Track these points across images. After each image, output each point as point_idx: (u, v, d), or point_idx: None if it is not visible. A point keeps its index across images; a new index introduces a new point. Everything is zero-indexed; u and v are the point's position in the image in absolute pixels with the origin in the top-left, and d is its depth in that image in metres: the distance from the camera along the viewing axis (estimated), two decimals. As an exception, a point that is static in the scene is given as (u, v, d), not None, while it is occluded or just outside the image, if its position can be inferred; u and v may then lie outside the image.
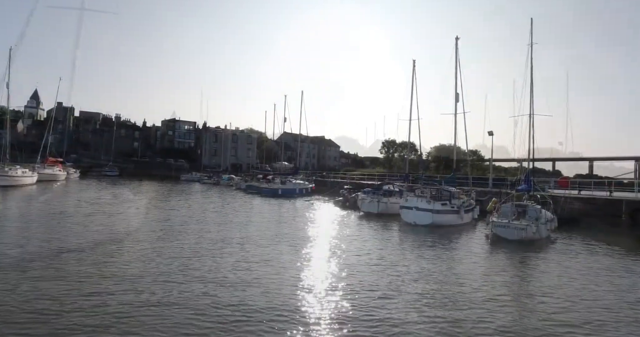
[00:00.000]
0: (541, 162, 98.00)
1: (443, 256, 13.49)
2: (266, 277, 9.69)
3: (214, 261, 11.02)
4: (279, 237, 15.65)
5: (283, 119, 47.76)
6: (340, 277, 10.05)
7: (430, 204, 20.09)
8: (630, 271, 12.18)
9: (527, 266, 12.75)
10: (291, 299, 8.13)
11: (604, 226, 20.36)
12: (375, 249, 14.09)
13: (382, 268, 11.23)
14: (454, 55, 25.47)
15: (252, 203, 30.68)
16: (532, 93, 21.44)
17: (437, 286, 9.69)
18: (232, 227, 17.55)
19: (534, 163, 23.05)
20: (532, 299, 9.13)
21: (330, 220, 22.13)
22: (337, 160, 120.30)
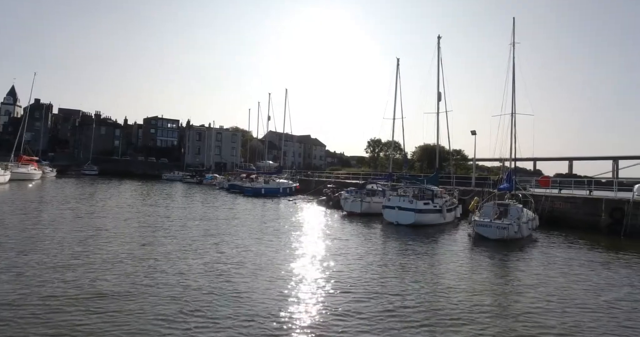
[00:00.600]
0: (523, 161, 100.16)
1: (424, 256, 13.26)
2: (239, 280, 9.24)
3: (186, 263, 10.50)
4: (258, 238, 15.19)
5: (267, 117, 47.10)
6: (319, 278, 9.71)
7: (412, 203, 19.91)
8: (609, 270, 12.17)
9: (507, 265, 12.62)
10: (266, 303, 7.73)
11: (584, 225, 20.56)
12: (356, 249, 13.78)
13: (362, 269, 10.94)
14: (436, 54, 25.38)
15: (233, 203, 30.06)
16: (514, 92, 21.47)
17: (417, 285, 9.50)
18: (208, 228, 16.99)
19: (515, 162, 23.13)
20: (511, 298, 9.00)
21: (312, 220, 21.76)
22: (323, 159, 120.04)
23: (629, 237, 18.21)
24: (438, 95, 24.80)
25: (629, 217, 18.73)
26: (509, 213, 17.44)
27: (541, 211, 21.50)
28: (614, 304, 8.78)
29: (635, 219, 18.52)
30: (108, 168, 71.52)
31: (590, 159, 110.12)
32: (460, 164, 65.26)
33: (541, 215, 21.06)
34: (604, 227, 19.73)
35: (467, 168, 57.04)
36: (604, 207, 20.10)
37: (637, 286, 10.37)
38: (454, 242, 16.57)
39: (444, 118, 25.19)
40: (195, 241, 13.77)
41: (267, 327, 6.67)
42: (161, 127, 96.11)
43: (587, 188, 25.63)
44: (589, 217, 20.70)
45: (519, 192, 21.56)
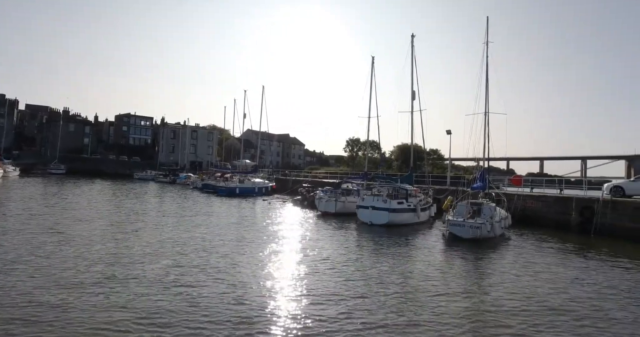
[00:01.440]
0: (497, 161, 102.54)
1: (397, 256, 12.88)
2: (199, 285, 8.54)
3: (142, 268, 9.70)
4: (224, 239, 14.44)
5: (243, 115, 46.04)
6: (283, 282, 9.15)
7: (386, 203, 19.57)
8: (578, 269, 12.09)
9: (478, 265, 12.38)
10: (224, 308, 7.17)
11: (555, 223, 20.75)
12: (327, 250, 13.27)
13: (330, 271, 10.45)
14: (410, 52, 25.16)
15: (203, 203, 29.04)
16: (487, 91, 21.46)
17: (385, 287, 9.17)
18: (170, 229, 16.12)
19: (488, 162, 23.17)
20: (478, 298, 8.82)
21: (285, 220, 21.12)
22: (302, 158, 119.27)
23: (599, 236, 18.43)
24: (412, 94, 24.60)
25: (598, 215, 18.96)
26: (482, 212, 17.33)
27: (513, 209, 21.60)
28: (579, 302, 8.70)
29: (604, 217, 18.75)
30: (77, 167, 68.56)
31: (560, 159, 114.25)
32: (437, 164, 66.11)
33: (513, 214, 21.16)
34: (574, 226, 19.94)
35: (443, 167, 57.67)
36: (574, 206, 20.32)
37: (603, 285, 10.26)
38: (428, 241, 16.31)
39: (419, 117, 25.04)
40: (152, 244, 12.91)
41: (222, 334, 6.16)
42: (134, 124, 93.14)
43: (557, 187, 26.03)
44: (560, 215, 20.91)
45: (492, 191, 21.58)
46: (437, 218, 22.44)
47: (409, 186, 22.22)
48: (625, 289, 9.94)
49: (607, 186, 20.81)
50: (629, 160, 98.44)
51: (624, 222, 18.17)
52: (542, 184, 27.58)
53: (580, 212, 19.96)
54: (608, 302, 8.81)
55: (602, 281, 10.72)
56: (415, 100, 24.91)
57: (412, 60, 25.28)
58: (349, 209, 22.70)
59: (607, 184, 21.30)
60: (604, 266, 12.57)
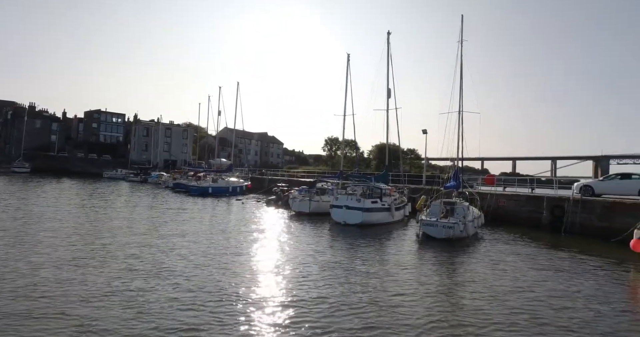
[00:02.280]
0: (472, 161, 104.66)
1: (368, 257, 12.48)
2: (160, 289, 7.84)
3: (90, 272, 8.89)
4: (186, 241, 13.66)
5: (217, 112, 44.87)
6: (250, 285, 8.57)
7: (360, 202, 19.19)
8: (546, 268, 11.99)
9: (449, 265, 12.16)
10: (183, 314, 6.57)
11: (527, 222, 20.90)
12: (297, 252, 12.75)
13: (299, 273, 9.98)
14: (385, 50, 24.90)
15: (174, 203, 27.96)
16: (462, 90, 21.38)
17: (352, 289, 8.78)
18: (128, 231, 15.20)
19: (462, 161, 23.16)
20: (446, 299, 8.67)
21: (257, 221, 20.44)
22: (280, 157, 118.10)
23: (569, 234, 18.63)
24: (388, 92, 24.35)
25: (568, 214, 19.17)
26: (455, 212, 17.17)
27: (487, 208, 21.66)
28: (541, 301, 8.61)
29: (574, 216, 18.97)
30: (43, 165, 65.46)
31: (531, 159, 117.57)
32: (414, 163, 66.69)
33: (487, 213, 21.20)
34: (545, 225, 20.13)
35: (420, 167, 58.13)
36: (545, 205, 20.52)
37: (568, 284, 10.15)
38: (401, 241, 16.02)
39: (394, 115, 24.81)
40: (104, 247, 12.03)
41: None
42: (105, 121, 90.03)
43: (529, 186, 26.36)
44: (531, 214, 21.09)
45: (466, 191, 21.56)
46: (412, 217, 22.26)
47: (384, 185, 21.94)
48: (588, 289, 9.86)
49: (576, 185, 21.07)
50: (596, 160, 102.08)
51: (593, 221, 18.42)
52: (515, 183, 27.89)
53: (551, 211, 20.17)
54: (569, 301, 8.73)
55: (567, 280, 10.65)
56: (390, 99, 24.69)
57: (387, 57, 25.06)
58: (323, 209, 22.21)
59: (577, 183, 21.58)
60: (571, 266, 12.53)
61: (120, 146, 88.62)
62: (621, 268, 12.28)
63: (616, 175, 21.38)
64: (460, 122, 21.47)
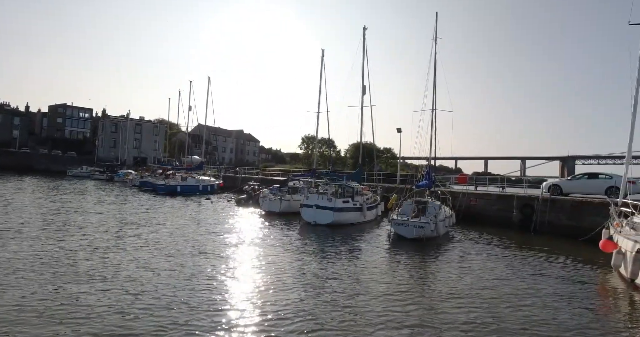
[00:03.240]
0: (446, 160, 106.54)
1: (337, 259, 11.94)
2: (101, 292, 6.99)
3: (27, 278, 7.92)
4: (138, 244, 12.73)
5: (188, 107, 43.40)
6: (209, 290, 7.83)
7: (331, 201, 18.65)
8: (512, 267, 11.80)
9: (418, 266, 11.85)
10: (148, 321, 5.92)
11: (498, 221, 20.95)
12: (263, 253, 12.08)
13: (263, 276, 9.34)
14: (361, 46, 24.48)
15: (137, 203, 26.63)
16: (435, 88, 21.22)
17: (318, 290, 8.28)
18: (80, 232, 14.10)
19: (435, 160, 23.04)
20: (415, 300, 8.40)
21: (224, 221, 19.57)
22: (257, 155, 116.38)
23: (538, 233, 18.75)
24: (362, 89, 23.97)
25: (537, 213, 19.30)
26: (427, 211, 16.91)
27: (458, 207, 21.63)
28: (502, 301, 8.48)
29: (543, 215, 19.11)
30: (2, 162, 61.73)
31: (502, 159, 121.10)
32: (390, 162, 66.94)
33: (458, 211, 21.16)
34: (515, 223, 20.22)
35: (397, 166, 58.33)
36: (515, 204, 20.62)
37: (536, 286, 9.92)
38: (372, 242, 15.58)
39: (369, 112, 24.42)
40: (44, 250, 10.99)
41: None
42: (71, 116, 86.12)
43: (500, 185, 26.61)
44: (502, 213, 21.16)
45: (438, 189, 21.44)
46: (385, 217, 21.93)
47: (356, 184, 21.50)
48: (551, 287, 9.74)
49: (545, 184, 21.32)
50: (562, 161, 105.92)
51: (561, 220, 18.59)
52: (486, 182, 28.15)
53: (521, 209, 20.28)
54: (530, 301, 8.58)
55: (532, 279, 10.50)
56: (365, 96, 24.29)
57: (363, 54, 24.66)
58: (294, 208, 21.55)
59: (546, 182, 21.85)
60: (538, 265, 12.40)
61: (87, 143, 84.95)
62: (587, 267, 12.23)
63: (583, 174, 21.78)
64: (434, 121, 21.32)
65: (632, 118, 13.23)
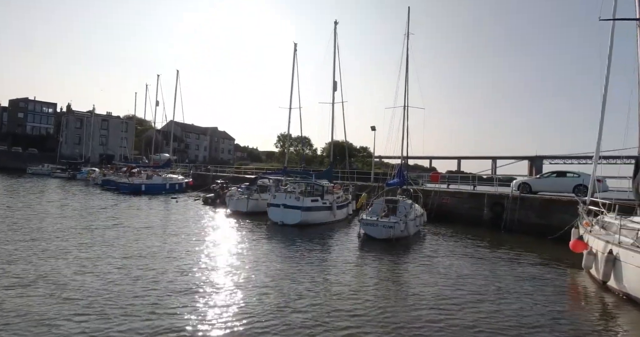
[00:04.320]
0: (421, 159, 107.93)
1: (302, 261, 11.23)
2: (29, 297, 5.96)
3: None
4: (86, 245, 11.58)
5: (155, 102, 41.59)
6: (162, 297, 6.91)
7: (299, 200, 17.88)
8: (485, 269, 11.42)
9: (387, 268, 11.34)
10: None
11: (469, 219, 20.76)
12: (223, 257, 11.23)
13: (223, 284, 8.54)
14: (332, 40, 23.79)
15: (95, 202, 25.04)
16: (407, 84, 20.83)
17: (274, 296, 7.61)
18: (21, 234, 12.79)
19: (407, 159, 22.69)
20: (378, 302, 8.06)
21: (186, 221, 18.48)
22: (232, 153, 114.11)
23: (508, 231, 18.63)
24: (334, 85, 23.27)
25: (507, 211, 19.20)
26: (397, 210, 16.41)
27: (430, 205, 21.33)
28: (474, 302, 8.24)
29: (513, 213, 19.01)
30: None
31: (474, 158, 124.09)
32: (366, 161, 66.83)
33: (431, 210, 20.85)
34: (486, 221, 20.08)
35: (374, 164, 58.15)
36: (486, 202, 20.48)
37: (504, 288, 9.55)
38: (340, 243, 14.93)
39: (340, 109, 23.79)
40: None
41: None
42: (33, 111, 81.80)
43: (471, 183, 26.59)
44: (473, 211, 20.99)
45: (410, 188, 21.07)
46: (356, 216, 21.40)
47: (326, 182, 20.79)
48: (515, 287, 9.52)
49: (515, 183, 21.31)
50: (530, 160, 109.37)
51: (531, 218, 18.53)
52: (457, 181, 28.08)
53: (491, 208, 20.15)
54: (496, 303, 8.25)
55: (499, 281, 10.15)
56: (336, 92, 23.61)
57: (334, 48, 23.95)
58: (262, 208, 20.62)
59: (515, 180, 21.86)
60: (506, 266, 12.09)
61: (50, 139, 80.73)
62: (557, 268, 11.99)
63: (552, 173, 21.90)
64: (406, 118, 20.93)
65: (601, 116, 13.11)
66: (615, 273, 8.41)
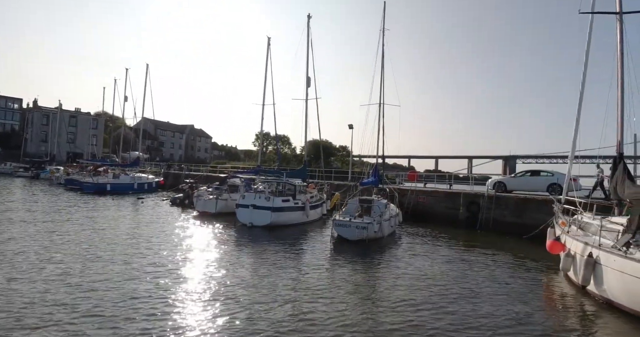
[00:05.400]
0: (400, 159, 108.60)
1: (270, 266, 10.41)
2: None
3: None
4: (31, 250, 10.39)
5: (124, 97, 39.73)
6: (116, 305, 5.89)
7: (269, 201, 16.98)
8: (459, 271, 10.89)
9: (362, 270, 10.70)
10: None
11: (445, 218, 20.39)
12: (183, 263, 10.26)
13: (184, 291, 7.72)
14: (305, 35, 22.98)
15: (54, 202, 23.42)
16: (383, 81, 20.24)
17: (242, 309, 6.64)
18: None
19: (384, 157, 22.13)
20: (345, 308, 7.59)
21: (149, 223, 17.32)
22: (209, 152, 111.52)
23: (484, 230, 18.34)
24: (307, 80, 22.47)
25: (483, 211, 18.91)
26: (372, 210, 15.76)
27: (407, 204, 20.86)
28: (449, 309, 7.80)
29: (489, 212, 18.73)
30: None
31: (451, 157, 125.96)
32: (345, 160, 66.32)
33: (407, 209, 20.37)
34: (462, 221, 19.75)
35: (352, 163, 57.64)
36: (462, 201, 20.15)
37: (479, 291, 9.07)
38: (312, 245, 14.17)
39: (314, 105, 23.02)
40: None
41: None
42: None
43: (447, 182, 26.34)
44: (450, 210, 20.64)
45: (386, 187, 20.52)
46: (330, 216, 20.68)
47: (298, 181, 19.95)
48: (493, 293, 8.94)
49: (490, 182, 21.14)
50: (505, 159, 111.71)
51: (506, 217, 18.29)
52: (434, 180, 27.82)
53: (467, 207, 19.84)
54: (469, 307, 7.87)
55: (473, 283, 9.70)
56: (310, 88, 22.81)
57: (307, 43, 23.15)
58: (233, 208, 19.57)
59: (490, 179, 21.71)
60: (481, 267, 11.60)
61: (15, 136, 76.54)
62: (533, 270, 11.60)
63: (526, 172, 21.84)
64: (381, 115, 20.34)
65: (577, 114, 12.80)
66: (596, 277, 7.95)
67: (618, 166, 10.08)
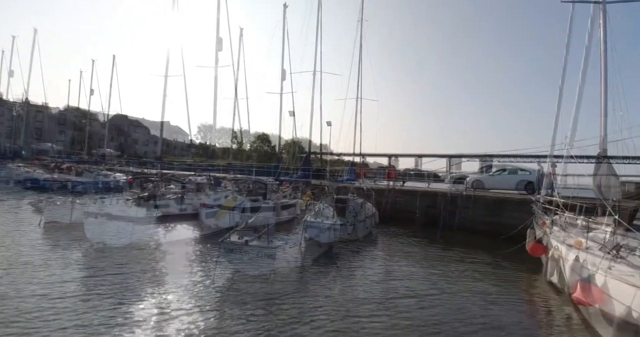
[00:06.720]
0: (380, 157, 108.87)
1: (231, 271, 9.47)
2: None
3: None
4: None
5: (90, 90, 37.67)
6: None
7: (236, 201, 15.88)
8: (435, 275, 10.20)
9: (334, 275, 10.02)
10: None
11: (422, 217, 19.75)
12: (136, 271, 9.19)
13: (137, 302, 6.73)
14: (281, 25, 21.96)
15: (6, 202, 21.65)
16: (360, 74, 19.49)
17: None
18: None
19: (363, 154, 21.40)
20: (321, 313, 7.22)
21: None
22: (185, 149, 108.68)
23: (461, 230, 17.85)
24: (282, 73, 21.46)
25: (460, 210, 18.40)
26: (347, 210, 14.90)
27: (384, 204, 20.16)
28: (423, 318, 7.20)
29: (466, 211, 18.23)
30: None
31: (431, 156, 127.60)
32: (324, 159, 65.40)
33: (384, 209, 19.67)
34: (440, 220, 19.15)
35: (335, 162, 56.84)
36: (439, 200, 19.58)
37: (454, 296, 8.53)
38: (281, 249, 13.11)
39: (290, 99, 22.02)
40: None
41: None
42: (-52, 100, 72.52)
43: (426, 181, 25.86)
44: (428, 209, 20.03)
45: (364, 186, 19.76)
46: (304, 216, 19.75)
47: (270, 180, 18.91)
48: (471, 298, 8.43)
49: (468, 180, 20.79)
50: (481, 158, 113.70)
51: (484, 216, 17.83)
52: (412, 177, 27.32)
53: (445, 206, 19.28)
54: (446, 314, 7.45)
55: (448, 289, 9.10)
56: (285, 81, 21.81)
57: (283, 35, 22.14)
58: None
59: (468, 178, 21.36)
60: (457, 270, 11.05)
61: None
62: (513, 273, 11.02)
63: (503, 170, 21.54)
64: (359, 111, 19.56)
65: (557, 110, 12.33)
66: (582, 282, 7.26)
67: (602, 165, 9.51)
